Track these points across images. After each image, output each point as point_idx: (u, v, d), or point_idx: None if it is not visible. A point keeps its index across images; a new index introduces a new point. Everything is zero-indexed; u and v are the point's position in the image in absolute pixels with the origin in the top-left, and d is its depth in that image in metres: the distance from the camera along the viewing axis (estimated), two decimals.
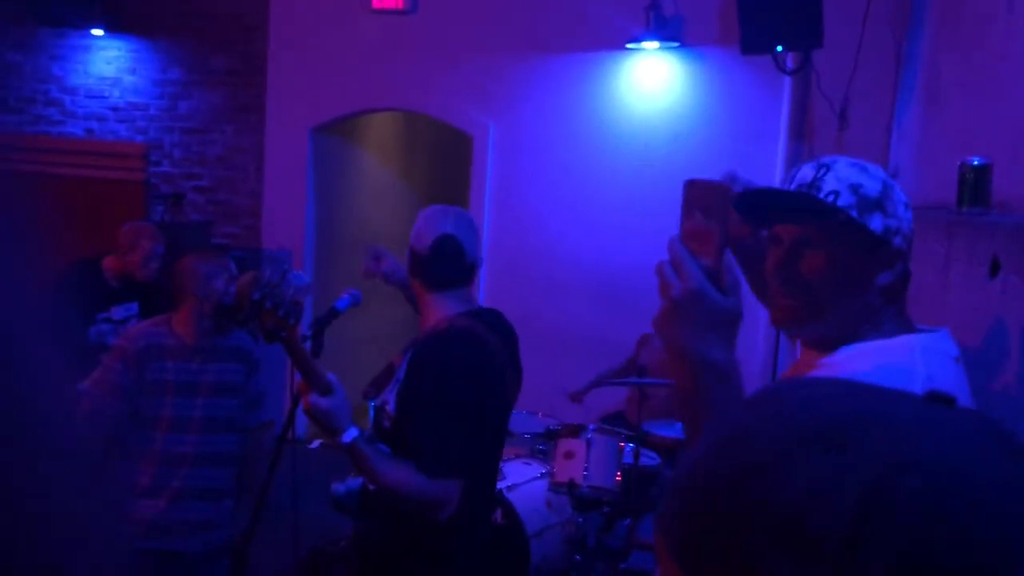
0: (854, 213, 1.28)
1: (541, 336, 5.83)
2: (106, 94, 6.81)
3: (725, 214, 1.08)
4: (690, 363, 1.08)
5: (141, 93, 6.74)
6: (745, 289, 1.20)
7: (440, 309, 2.28)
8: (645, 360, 4.81)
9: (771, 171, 5.16)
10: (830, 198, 1.29)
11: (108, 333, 4.16)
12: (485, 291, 6.02)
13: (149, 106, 6.74)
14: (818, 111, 5.01)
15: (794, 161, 5.13)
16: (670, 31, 5.28)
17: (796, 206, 1.33)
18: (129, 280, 4.22)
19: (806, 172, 1.34)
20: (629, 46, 5.42)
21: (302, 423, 6.36)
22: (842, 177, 1.30)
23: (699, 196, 1.08)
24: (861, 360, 1.27)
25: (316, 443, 6.24)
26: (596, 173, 5.66)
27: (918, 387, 0.98)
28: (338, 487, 2.39)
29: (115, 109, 6.80)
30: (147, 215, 6.43)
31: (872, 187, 1.29)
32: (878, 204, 1.29)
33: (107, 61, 6.76)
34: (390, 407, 2.20)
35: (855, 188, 1.29)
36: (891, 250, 1.31)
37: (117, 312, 4.20)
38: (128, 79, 6.75)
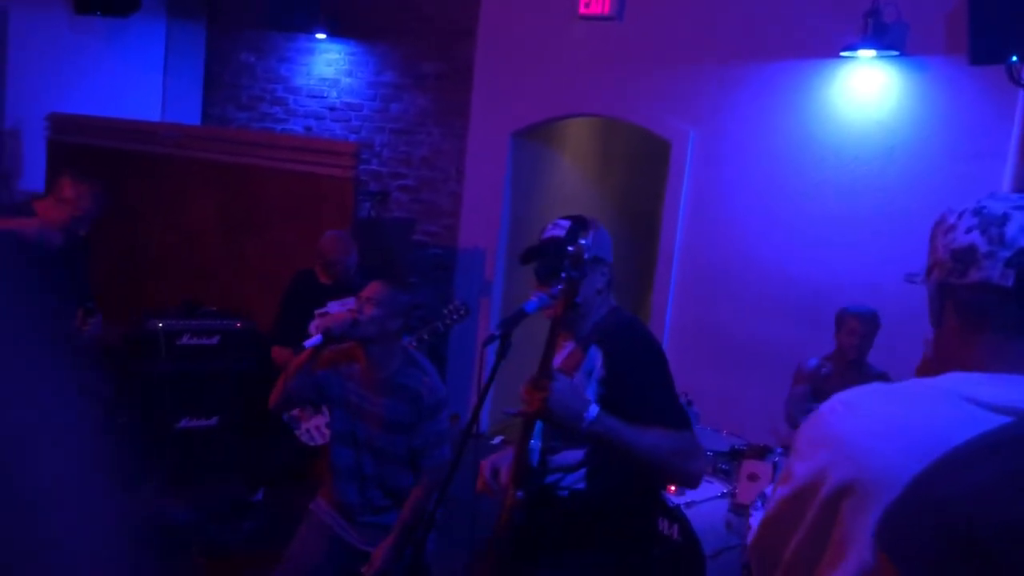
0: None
1: (730, 352, 5.66)
2: (325, 94, 7.25)
3: None
4: None
5: (356, 94, 7.12)
6: None
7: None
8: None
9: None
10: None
11: None
12: (673, 302, 5.92)
13: (363, 107, 7.11)
14: None
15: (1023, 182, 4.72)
16: (890, 39, 4.98)
17: None
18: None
19: None
20: (843, 54, 5.17)
21: (485, 419, 6.51)
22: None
23: None
24: None
25: (498, 439, 6.37)
26: (800, 184, 5.43)
27: None
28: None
29: (332, 109, 7.23)
30: (355, 211, 6.80)
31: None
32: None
33: (328, 63, 7.20)
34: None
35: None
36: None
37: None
38: (345, 81, 7.16)
